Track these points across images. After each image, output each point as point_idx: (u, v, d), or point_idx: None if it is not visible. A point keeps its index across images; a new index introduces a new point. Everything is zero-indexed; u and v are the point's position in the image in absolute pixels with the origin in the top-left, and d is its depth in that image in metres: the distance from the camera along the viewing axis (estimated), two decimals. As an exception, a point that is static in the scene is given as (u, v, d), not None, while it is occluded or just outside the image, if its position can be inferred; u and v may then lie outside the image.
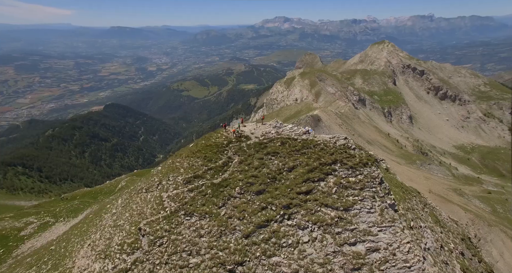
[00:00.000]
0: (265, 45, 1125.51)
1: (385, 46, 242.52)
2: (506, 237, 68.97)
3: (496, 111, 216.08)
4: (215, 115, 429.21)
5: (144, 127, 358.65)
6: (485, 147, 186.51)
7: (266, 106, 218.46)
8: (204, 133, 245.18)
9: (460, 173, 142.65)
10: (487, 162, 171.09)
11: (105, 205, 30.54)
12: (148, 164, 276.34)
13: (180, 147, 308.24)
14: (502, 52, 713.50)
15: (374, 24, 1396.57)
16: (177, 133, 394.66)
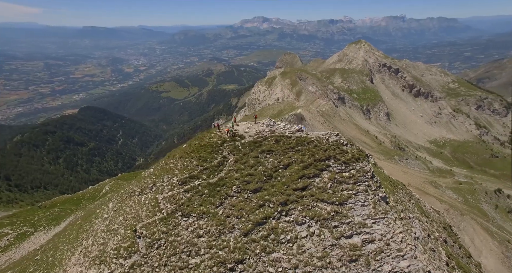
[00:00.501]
0: (245, 45, 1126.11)
1: (362, 46, 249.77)
2: (476, 224, 73.55)
3: (464, 107, 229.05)
4: (196, 117, 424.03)
5: (123, 130, 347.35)
6: (455, 140, 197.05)
7: (248, 106, 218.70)
8: (186, 135, 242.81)
9: (435, 166, 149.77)
10: (457, 155, 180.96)
11: (94, 210, 29.48)
12: (128, 168, 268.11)
13: (161, 149, 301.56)
14: (466, 52, 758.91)
15: (351, 24, 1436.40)
16: (157, 135, 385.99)
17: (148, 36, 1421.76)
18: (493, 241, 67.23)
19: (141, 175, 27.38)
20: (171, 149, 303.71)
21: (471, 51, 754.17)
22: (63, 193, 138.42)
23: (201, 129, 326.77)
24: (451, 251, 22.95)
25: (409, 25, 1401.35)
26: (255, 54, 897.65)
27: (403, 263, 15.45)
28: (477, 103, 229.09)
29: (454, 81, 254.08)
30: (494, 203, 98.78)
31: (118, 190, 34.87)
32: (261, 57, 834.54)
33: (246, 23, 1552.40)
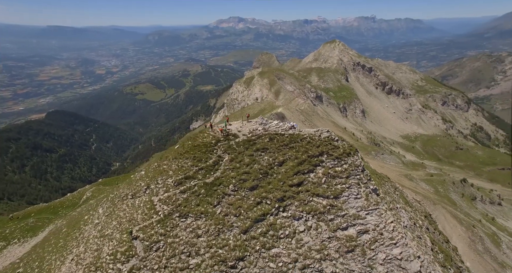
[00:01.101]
0: (221, 45, 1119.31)
1: (336, 45, 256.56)
2: (447, 212, 78.38)
3: (431, 103, 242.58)
4: (174, 118, 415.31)
5: (96, 135, 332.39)
6: (425, 135, 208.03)
7: (227, 106, 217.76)
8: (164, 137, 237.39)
9: (408, 160, 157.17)
10: (427, 148, 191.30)
11: (80, 217, 28.17)
12: (103, 173, 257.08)
13: (138, 153, 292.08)
14: (431, 51, 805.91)
15: (324, 24, 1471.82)
16: (133, 139, 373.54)
17: (120, 37, 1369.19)
18: (461, 227, 71.90)
19: (131, 178, 26.58)
20: (148, 152, 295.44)
21: (436, 51, 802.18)
22: (31, 203, 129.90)
23: (179, 131, 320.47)
24: (433, 237, 24.56)
25: (380, 26, 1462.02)
26: (231, 54, 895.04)
27: (395, 250, 16.38)
28: (442, 99, 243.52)
29: (422, 79, 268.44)
30: (461, 192, 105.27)
31: (102, 196, 33.50)
32: (238, 57, 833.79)
33: (221, 23, 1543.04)
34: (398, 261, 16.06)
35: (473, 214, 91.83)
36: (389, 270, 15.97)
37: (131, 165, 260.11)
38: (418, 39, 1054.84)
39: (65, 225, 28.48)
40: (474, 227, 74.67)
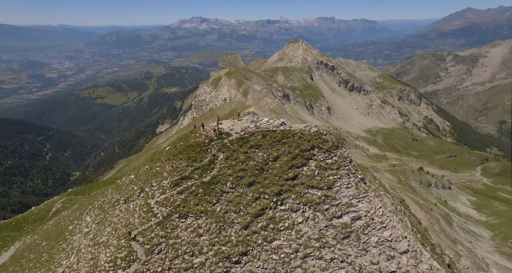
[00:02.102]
0: (184, 46, 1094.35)
1: (300, 45, 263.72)
2: (409, 199, 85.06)
3: (389, 98, 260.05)
4: (138, 123, 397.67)
5: (51, 143, 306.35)
6: (385, 129, 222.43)
7: (195, 108, 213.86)
8: (128, 142, 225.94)
9: (372, 152, 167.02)
10: (388, 141, 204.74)
11: (64, 227, 26.15)
12: (61, 185, 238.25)
13: (101, 160, 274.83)
14: (386, 50, 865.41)
15: (287, 24, 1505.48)
16: (94, 146, 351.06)
17: (72, 37, 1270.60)
18: (421, 211, 78.52)
19: (118, 184, 25.35)
20: (112, 159, 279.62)
21: (389, 50, 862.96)
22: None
23: (145, 135, 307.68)
24: (410, 220, 26.92)
25: (339, 26, 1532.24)
26: (196, 55, 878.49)
27: (386, 233, 17.81)
28: (398, 94, 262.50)
29: (380, 76, 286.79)
30: (419, 179, 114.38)
31: (76, 205, 31.25)
32: (202, 58, 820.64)
33: (183, 24, 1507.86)
34: (388, 243, 17.51)
35: (430, 199, 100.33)
36: (382, 252, 17.33)
37: (94, 173, 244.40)
38: (374, 39, 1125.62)
39: (42, 239, 26.30)
40: (431, 210, 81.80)
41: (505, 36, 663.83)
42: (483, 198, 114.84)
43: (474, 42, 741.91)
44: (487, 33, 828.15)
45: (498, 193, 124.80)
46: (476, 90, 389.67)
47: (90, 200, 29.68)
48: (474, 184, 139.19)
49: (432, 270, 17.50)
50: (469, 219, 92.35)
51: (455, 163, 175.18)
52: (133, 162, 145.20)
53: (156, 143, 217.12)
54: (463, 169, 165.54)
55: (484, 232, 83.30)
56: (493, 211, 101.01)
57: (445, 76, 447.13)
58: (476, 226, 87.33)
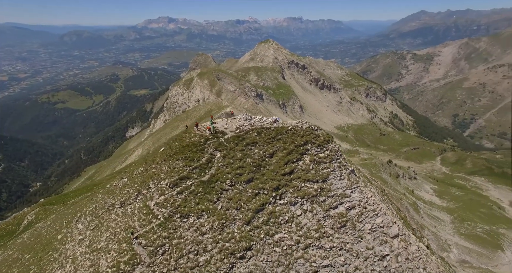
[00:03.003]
0: (152, 47, 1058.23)
1: (271, 45, 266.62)
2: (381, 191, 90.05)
3: (357, 95, 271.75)
4: (106, 127, 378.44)
5: (4, 153, 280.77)
6: (355, 125, 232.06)
7: (167, 110, 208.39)
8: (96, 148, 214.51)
9: (344, 148, 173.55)
10: (358, 136, 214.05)
11: (50, 238, 24.39)
12: (18, 197, 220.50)
13: (65, 168, 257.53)
14: (352, 49, 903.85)
15: (256, 24, 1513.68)
16: (57, 154, 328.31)
17: (24, 37, 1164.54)
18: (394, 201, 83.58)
19: (109, 189, 24.27)
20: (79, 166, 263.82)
21: (355, 49, 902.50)
22: None
23: (114, 140, 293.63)
24: (393, 207, 28.88)
25: (307, 26, 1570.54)
26: (165, 56, 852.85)
27: (378, 219, 19.03)
28: (366, 92, 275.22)
29: (348, 74, 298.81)
30: (388, 172, 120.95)
31: (53, 216, 29.17)
32: (171, 59, 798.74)
33: (150, 24, 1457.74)
34: (381, 228, 18.75)
35: (399, 189, 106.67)
36: (375, 237, 18.52)
37: (58, 182, 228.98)
38: (340, 39, 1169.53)
39: (21, 252, 24.39)
40: (401, 199, 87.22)
41: (453, 37, 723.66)
42: (443, 186, 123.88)
43: (429, 42, 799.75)
44: (439, 34, 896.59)
45: (455, 180, 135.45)
46: (433, 86, 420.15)
47: (73, 208, 28.00)
48: (435, 173, 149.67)
49: (419, 250, 19.06)
50: (433, 206, 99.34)
51: (418, 155, 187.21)
52: (105, 168, 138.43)
53: (127, 148, 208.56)
54: (425, 160, 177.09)
55: (445, 216, 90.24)
56: (452, 197, 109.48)
57: (406, 73, 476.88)
58: (438, 212, 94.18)
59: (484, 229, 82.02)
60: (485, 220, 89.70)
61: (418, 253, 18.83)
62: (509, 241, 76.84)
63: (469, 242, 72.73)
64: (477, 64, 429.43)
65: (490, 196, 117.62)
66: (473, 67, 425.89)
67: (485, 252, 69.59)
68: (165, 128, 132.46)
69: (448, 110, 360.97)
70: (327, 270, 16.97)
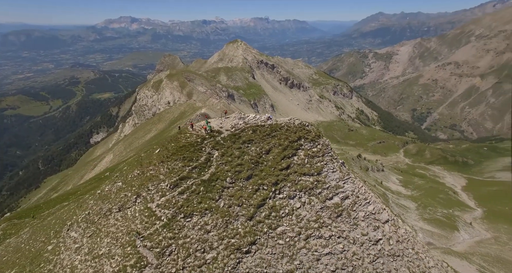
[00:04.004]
0: (114, 48, 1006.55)
1: (239, 45, 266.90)
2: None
3: (326, 93, 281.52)
4: (67, 134, 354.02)
5: None
6: (325, 121, 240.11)
7: (136, 114, 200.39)
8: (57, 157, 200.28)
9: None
10: (328, 133, 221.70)
11: (39, 250, 22.48)
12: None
13: (20, 180, 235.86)
14: (318, 49, 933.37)
15: (223, 24, 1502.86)
16: (8, 165, 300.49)
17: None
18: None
19: (102, 194, 23.02)
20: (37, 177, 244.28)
21: (321, 48, 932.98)
22: None
23: (77, 147, 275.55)
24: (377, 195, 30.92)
25: (273, 26, 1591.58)
26: (129, 57, 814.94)
27: (370, 207, 20.40)
28: (333, 89, 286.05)
29: (315, 73, 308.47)
30: (359, 165, 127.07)
31: (26, 229, 26.82)
32: (136, 60, 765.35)
33: (111, 24, 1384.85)
34: (373, 215, 20.12)
35: (369, 181, 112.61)
36: (369, 224, 19.85)
37: (12, 196, 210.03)
38: (306, 38, 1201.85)
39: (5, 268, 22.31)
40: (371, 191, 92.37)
41: (408, 37, 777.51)
42: (407, 176, 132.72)
43: (388, 42, 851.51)
44: (396, 34, 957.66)
45: (416, 170, 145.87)
46: (393, 83, 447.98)
47: (56, 218, 26.06)
48: (399, 164, 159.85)
49: (407, 233, 20.77)
50: (400, 195, 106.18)
51: (384, 148, 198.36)
52: (71, 177, 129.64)
53: (94, 154, 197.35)
54: (390, 153, 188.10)
55: (411, 204, 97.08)
56: (415, 186, 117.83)
57: (369, 71, 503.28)
58: (405, 200, 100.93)
59: (443, 213, 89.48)
60: (443, 204, 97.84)
61: (406, 235, 20.53)
62: (462, 222, 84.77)
63: (432, 226, 79.11)
64: (429, 62, 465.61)
65: (446, 182, 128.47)
66: (426, 65, 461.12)
67: (445, 234, 76.15)
68: (136, 132, 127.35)
69: (407, 105, 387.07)
70: (328, 257, 17.93)
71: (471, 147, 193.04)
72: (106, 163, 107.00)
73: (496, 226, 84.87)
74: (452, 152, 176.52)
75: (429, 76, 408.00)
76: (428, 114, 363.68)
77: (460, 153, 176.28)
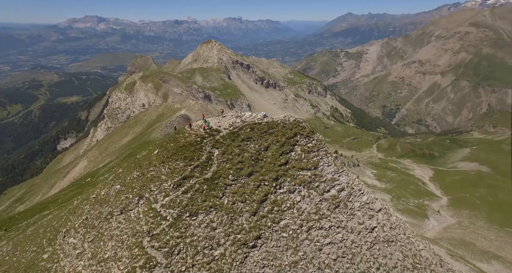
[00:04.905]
0: (81, 49, 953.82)
1: (214, 45, 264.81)
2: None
3: (301, 92, 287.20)
4: (29, 141, 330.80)
5: None
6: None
7: (108, 117, 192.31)
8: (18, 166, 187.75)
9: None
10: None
11: (33, 259, 20.95)
12: None
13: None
14: (291, 48, 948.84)
15: (196, 24, 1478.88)
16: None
17: None
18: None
19: (99, 198, 22.03)
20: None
21: (294, 48, 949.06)
22: None
23: (42, 155, 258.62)
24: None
25: (247, 26, 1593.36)
26: (97, 59, 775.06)
27: (364, 197, 21.56)
28: (308, 88, 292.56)
29: (290, 72, 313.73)
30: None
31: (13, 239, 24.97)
32: (105, 62, 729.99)
33: (75, 23, 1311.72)
34: (367, 205, 21.31)
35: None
36: (364, 213, 20.99)
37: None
38: (280, 38, 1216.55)
39: None
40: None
41: (376, 37, 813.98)
42: (381, 170, 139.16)
43: (358, 41, 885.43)
44: (365, 34, 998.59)
45: (389, 164, 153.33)
46: (364, 81, 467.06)
47: (45, 227, 24.52)
48: (373, 159, 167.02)
49: (398, 219, 22.20)
50: (375, 188, 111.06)
51: (358, 144, 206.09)
52: (40, 187, 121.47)
53: (63, 161, 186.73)
54: (364, 148, 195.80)
55: (386, 196, 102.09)
56: (388, 179, 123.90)
57: (341, 70, 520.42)
58: (380, 193, 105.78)
59: (414, 203, 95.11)
60: (414, 195, 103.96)
61: (398, 222, 21.95)
62: (431, 210, 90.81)
63: (405, 216, 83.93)
64: (396, 60, 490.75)
65: (416, 174, 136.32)
66: (394, 63, 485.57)
67: (417, 222, 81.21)
68: (112, 136, 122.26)
69: (378, 102, 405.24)
70: (329, 247, 18.78)
71: (436, 140, 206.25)
72: (80, 169, 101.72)
73: (459, 212, 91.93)
74: (420, 145, 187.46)
75: (397, 74, 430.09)
76: (397, 110, 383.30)
77: (426, 146, 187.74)
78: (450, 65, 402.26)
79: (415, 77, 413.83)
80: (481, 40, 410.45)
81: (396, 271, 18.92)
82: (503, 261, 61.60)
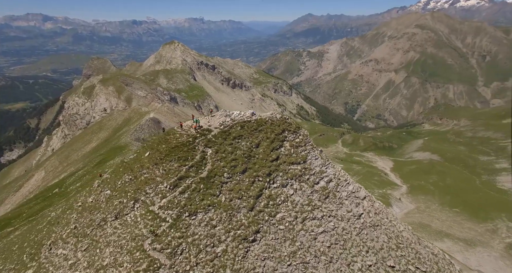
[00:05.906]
0: (24, 50, 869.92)
1: (177, 46, 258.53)
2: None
3: (267, 91, 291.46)
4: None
5: None
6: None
7: (65, 124, 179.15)
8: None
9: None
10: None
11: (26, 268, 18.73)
12: None
13: None
14: (255, 49, 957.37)
15: (156, 25, 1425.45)
16: None
17: None
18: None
19: (87, 205, 20.43)
20: None
21: (258, 48, 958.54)
22: None
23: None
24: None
25: (209, 26, 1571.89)
26: (46, 61, 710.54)
27: (350, 187, 22.92)
28: (274, 87, 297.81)
29: (256, 72, 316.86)
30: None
31: None
32: (56, 64, 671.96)
33: (15, 21, 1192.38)
34: (353, 193, 22.71)
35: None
36: (351, 201, 22.34)
37: None
38: (243, 38, 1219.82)
39: None
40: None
41: (335, 37, 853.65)
42: (347, 164, 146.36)
43: (318, 41, 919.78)
44: (324, 34, 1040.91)
45: (354, 158, 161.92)
46: (327, 79, 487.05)
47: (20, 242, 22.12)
48: (339, 154, 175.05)
49: (381, 205, 23.94)
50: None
51: (325, 140, 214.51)
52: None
53: (11, 175, 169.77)
54: (330, 144, 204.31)
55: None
56: (354, 172, 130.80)
57: (304, 69, 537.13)
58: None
59: (379, 193, 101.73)
60: (378, 185, 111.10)
61: (381, 208, 23.69)
62: (394, 198, 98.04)
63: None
64: (355, 59, 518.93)
65: (378, 166, 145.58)
66: (353, 62, 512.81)
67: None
68: (72, 144, 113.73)
69: (340, 99, 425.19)
70: (323, 235, 19.75)
71: (393, 133, 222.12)
72: (36, 181, 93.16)
73: (417, 198, 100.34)
74: (380, 138, 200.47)
75: (356, 72, 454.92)
76: (358, 106, 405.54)
77: (386, 139, 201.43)
78: (402, 63, 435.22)
79: (373, 75, 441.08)
80: (425, 40, 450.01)
81: (383, 252, 20.50)
82: (452, 238, 68.98)
